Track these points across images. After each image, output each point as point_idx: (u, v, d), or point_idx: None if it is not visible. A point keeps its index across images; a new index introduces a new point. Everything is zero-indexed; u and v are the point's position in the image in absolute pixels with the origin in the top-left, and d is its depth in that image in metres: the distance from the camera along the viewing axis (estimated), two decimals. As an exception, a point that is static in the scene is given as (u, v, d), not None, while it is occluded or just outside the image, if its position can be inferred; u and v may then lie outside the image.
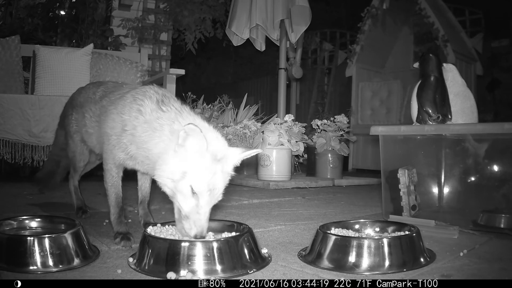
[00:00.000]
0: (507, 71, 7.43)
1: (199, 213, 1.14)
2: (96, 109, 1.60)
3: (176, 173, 1.15)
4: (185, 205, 1.15)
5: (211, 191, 1.15)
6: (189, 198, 1.14)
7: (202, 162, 1.14)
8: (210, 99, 4.39)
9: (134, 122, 1.33)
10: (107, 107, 1.49)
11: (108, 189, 1.49)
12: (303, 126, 3.46)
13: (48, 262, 1.10)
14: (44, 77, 3.54)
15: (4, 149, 3.14)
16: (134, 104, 1.36)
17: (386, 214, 1.93)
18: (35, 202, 2.26)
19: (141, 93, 1.38)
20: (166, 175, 1.17)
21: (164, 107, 1.31)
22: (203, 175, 1.14)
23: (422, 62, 1.99)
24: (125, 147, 1.37)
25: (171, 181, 1.16)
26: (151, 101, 1.34)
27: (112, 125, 1.41)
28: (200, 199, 1.14)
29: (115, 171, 1.48)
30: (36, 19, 4.47)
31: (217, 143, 1.20)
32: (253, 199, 2.59)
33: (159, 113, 1.30)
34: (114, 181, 1.48)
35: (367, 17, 5.67)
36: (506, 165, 1.83)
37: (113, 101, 1.48)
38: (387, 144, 1.99)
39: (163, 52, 5.18)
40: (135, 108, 1.34)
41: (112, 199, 1.48)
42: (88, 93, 1.73)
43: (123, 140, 1.36)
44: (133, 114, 1.34)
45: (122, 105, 1.40)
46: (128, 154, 1.38)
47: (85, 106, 1.69)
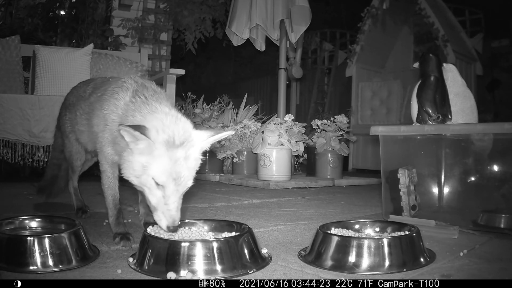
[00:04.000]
0: (507, 71, 7.43)
1: (167, 203, 1.13)
2: (86, 106, 1.60)
3: (137, 168, 1.15)
4: (151, 197, 1.15)
5: (176, 179, 1.13)
6: (155, 190, 1.14)
7: (158, 153, 1.12)
8: (210, 99, 4.39)
9: (112, 116, 1.33)
10: (94, 104, 1.50)
11: (105, 191, 1.50)
12: (303, 126, 3.46)
13: (48, 262, 1.10)
14: (44, 77, 3.54)
15: (4, 149, 3.14)
16: (111, 98, 1.36)
17: (386, 214, 1.93)
18: (35, 202, 2.26)
19: (119, 86, 1.38)
20: (129, 172, 1.18)
21: (134, 98, 1.31)
22: (162, 165, 1.12)
23: (422, 62, 1.99)
24: (107, 141, 1.37)
25: (135, 177, 1.17)
26: (126, 92, 1.34)
27: (97, 122, 1.42)
28: (166, 190, 1.13)
29: (110, 172, 1.48)
30: (36, 19, 4.47)
31: (177, 127, 1.16)
32: (253, 199, 2.59)
33: (130, 105, 1.30)
34: (110, 182, 1.49)
35: (367, 17, 5.67)
36: (506, 165, 1.83)
37: (99, 98, 1.49)
38: (387, 144, 1.98)
39: (163, 52, 5.18)
40: (112, 102, 1.35)
41: (109, 201, 1.49)
42: (79, 92, 1.74)
43: (106, 135, 1.37)
44: (111, 108, 1.34)
45: (103, 100, 1.41)
46: (113, 148, 1.37)
47: (77, 105, 1.70)
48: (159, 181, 1.13)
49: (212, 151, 3.74)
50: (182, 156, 1.14)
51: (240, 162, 3.74)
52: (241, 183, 3.38)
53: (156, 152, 1.12)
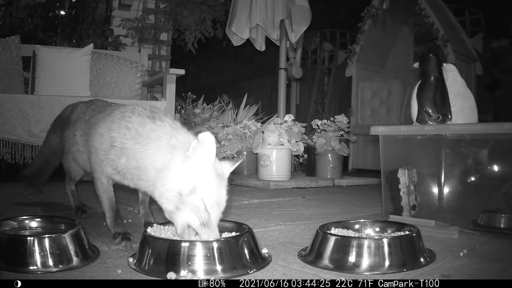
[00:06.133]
0: (507, 71, 7.43)
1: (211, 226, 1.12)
2: (86, 127, 1.59)
3: (185, 187, 1.11)
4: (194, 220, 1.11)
5: (218, 205, 1.14)
6: (203, 213, 1.11)
7: (211, 176, 1.12)
8: (210, 99, 4.39)
9: (123, 139, 1.31)
10: (96, 123, 1.48)
11: (100, 195, 1.49)
12: (303, 126, 3.45)
13: (48, 262, 1.10)
14: (44, 77, 3.54)
15: (4, 149, 3.14)
16: (122, 121, 1.34)
17: (386, 214, 1.93)
18: (35, 202, 2.26)
19: (130, 110, 1.36)
20: (172, 189, 1.13)
21: (158, 122, 1.28)
22: (213, 189, 1.12)
23: (422, 62, 1.99)
24: (112, 162, 1.35)
25: (178, 194, 1.12)
26: (140, 117, 1.32)
27: (101, 140, 1.39)
28: (211, 213, 1.12)
29: (105, 180, 1.47)
30: (36, 19, 4.47)
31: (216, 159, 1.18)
32: (253, 199, 2.59)
33: (153, 126, 1.27)
34: (105, 187, 1.47)
35: (367, 17, 5.67)
36: (506, 165, 1.83)
37: (102, 118, 1.46)
38: (387, 144, 1.99)
39: (163, 52, 5.18)
40: (123, 125, 1.32)
41: (105, 204, 1.48)
42: (79, 113, 1.73)
43: (111, 156, 1.35)
44: (122, 131, 1.32)
45: (111, 121, 1.37)
46: (116, 169, 1.36)
47: (76, 125, 1.69)
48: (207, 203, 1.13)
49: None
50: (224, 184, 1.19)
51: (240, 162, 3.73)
52: (241, 183, 3.38)
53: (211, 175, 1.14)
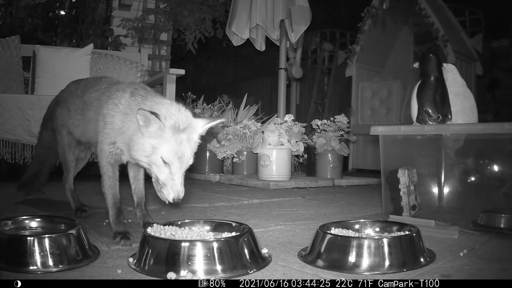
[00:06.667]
0: (507, 71, 7.43)
1: (173, 179, 1.30)
2: (80, 103, 1.74)
3: (147, 149, 1.32)
4: (160, 174, 1.32)
5: (180, 158, 1.31)
6: (163, 168, 1.31)
7: (166, 135, 1.30)
8: (210, 99, 4.39)
9: (112, 112, 1.49)
10: (89, 106, 1.66)
11: (105, 191, 1.56)
12: (303, 126, 3.45)
13: (48, 262, 1.10)
14: (44, 77, 3.54)
15: (4, 149, 3.14)
16: (109, 100, 1.52)
17: (386, 214, 1.93)
18: (35, 202, 2.26)
19: (114, 90, 1.55)
20: (140, 153, 1.34)
21: (133, 97, 1.48)
22: (169, 146, 1.30)
23: (422, 62, 1.99)
24: (108, 137, 1.51)
25: (145, 157, 1.33)
26: (124, 93, 1.51)
27: (95, 127, 1.57)
28: (172, 167, 1.30)
29: (111, 171, 1.57)
30: (36, 19, 4.47)
31: (180, 115, 1.34)
32: (253, 199, 2.59)
33: (129, 101, 1.47)
34: (111, 182, 1.56)
35: (367, 17, 5.67)
36: (506, 165, 1.83)
37: (92, 101, 1.65)
38: (387, 144, 1.99)
39: (163, 52, 5.17)
40: (111, 102, 1.51)
41: (109, 200, 1.55)
42: (71, 89, 1.89)
43: (106, 131, 1.51)
44: (110, 107, 1.50)
45: (99, 106, 1.56)
46: (112, 143, 1.51)
47: (69, 101, 1.83)
48: (167, 160, 1.30)
49: (212, 151, 3.75)
50: (186, 139, 1.32)
51: (240, 162, 3.74)
52: (241, 183, 3.38)
53: (165, 135, 1.30)
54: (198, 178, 3.74)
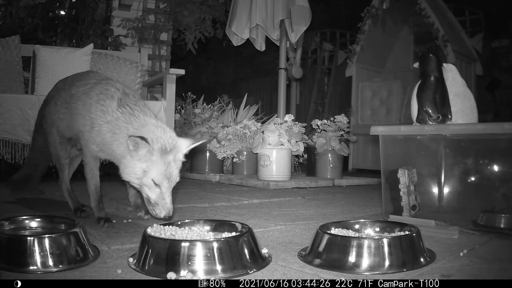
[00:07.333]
0: (507, 71, 7.43)
1: (164, 198, 1.43)
2: (66, 96, 1.78)
3: (138, 172, 1.43)
4: (151, 195, 1.44)
5: (169, 178, 1.43)
6: (153, 189, 1.44)
7: (155, 158, 1.41)
8: (210, 99, 4.39)
9: (99, 121, 1.56)
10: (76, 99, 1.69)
11: (88, 180, 1.72)
12: (303, 126, 3.45)
13: (48, 262, 1.10)
14: (44, 77, 3.54)
15: (4, 149, 3.14)
16: (98, 104, 1.57)
17: (386, 214, 1.93)
18: (35, 202, 2.26)
19: (104, 92, 1.60)
20: (131, 176, 1.45)
21: (121, 108, 1.54)
22: (159, 169, 1.41)
23: (422, 62, 1.99)
24: (94, 141, 1.60)
25: (136, 179, 1.45)
26: (112, 100, 1.56)
27: (83, 122, 1.63)
28: (162, 187, 1.43)
29: (93, 163, 1.71)
30: (36, 19, 4.47)
31: (166, 137, 1.45)
32: (253, 199, 2.59)
33: (117, 114, 1.53)
34: (93, 172, 1.72)
35: (367, 17, 5.67)
36: (506, 165, 1.83)
37: (80, 96, 1.68)
38: (387, 144, 1.98)
39: (163, 52, 5.18)
40: (99, 108, 1.56)
41: (92, 188, 1.71)
42: (58, 86, 1.94)
43: (92, 135, 1.59)
44: (98, 114, 1.56)
45: (89, 104, 1.60)
46: (98, 146, 1.60)
47: (56, 96, 1.87)
48: (157, 182, 1.42)
49: (212, 151, 3.75)
50: (172, 159, 1.44)
51: (240, 162, 3.74)
52: (241, 183, 3.38)
53: (154, 158, 1.41)
54: (198, 178, 3.74)
